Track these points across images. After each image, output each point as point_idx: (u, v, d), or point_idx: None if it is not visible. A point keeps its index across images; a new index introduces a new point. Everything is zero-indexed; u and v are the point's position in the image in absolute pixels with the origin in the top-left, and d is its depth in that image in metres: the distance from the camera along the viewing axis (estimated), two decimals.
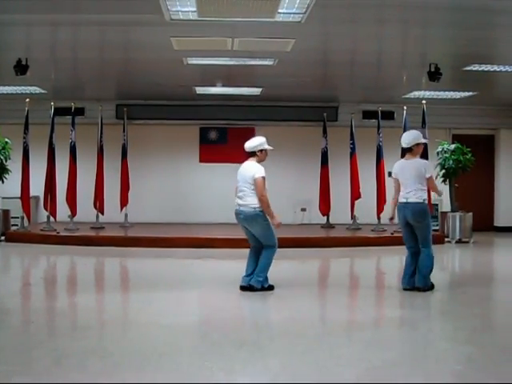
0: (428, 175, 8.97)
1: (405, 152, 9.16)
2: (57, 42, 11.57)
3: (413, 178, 8.94)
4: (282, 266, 12.04)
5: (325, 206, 17.21)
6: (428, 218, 9.02)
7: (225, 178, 18.39)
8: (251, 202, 8.94)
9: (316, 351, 6.13)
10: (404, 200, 9.00)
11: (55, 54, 12.64)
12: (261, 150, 9.42)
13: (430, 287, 9.10)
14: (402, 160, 9.23)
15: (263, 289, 8.88)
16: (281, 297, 8.79)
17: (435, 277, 11.31)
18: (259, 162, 9.30)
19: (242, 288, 8.96)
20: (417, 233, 9.03)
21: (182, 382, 5.13)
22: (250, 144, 9.51)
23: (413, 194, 8.90)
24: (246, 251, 9.23)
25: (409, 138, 9.11)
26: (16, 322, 7.57)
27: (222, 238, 14.64)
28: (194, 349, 6.27)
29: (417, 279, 9.03)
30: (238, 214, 9.10)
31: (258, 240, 9.10)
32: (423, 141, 9.20)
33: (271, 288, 8.99)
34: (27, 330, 7.22)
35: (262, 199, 8.88)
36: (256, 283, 8.88)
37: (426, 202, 9.04)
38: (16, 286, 10.04)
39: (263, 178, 9.02)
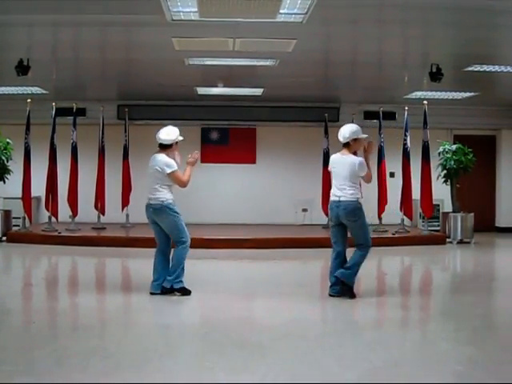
0: (361, 174, 8.62)
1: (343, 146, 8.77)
2: (58, 42, 11.57)
3: (346, 176, 8.65)
4: (283, 267, 12.06)
5: (326, 206, 17.19)
6: (362, 217, 8.63)
7: (226, 178, 18.47)
8: (160, 195, 8.72)
9: (317, 352, 6.13)
10: (336, 199, 8.76)
11: (57, 55, 12.66)
12: (177, 143, 9.14)
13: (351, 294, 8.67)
14: (338, 154, 8.89)
15: (173, 290, 8.60)
16: (282, 297, 8.79)
17: (437, 276, 11.32)
18: (173, 153, 9.07)
19: (153, 294, 8.67)
20: (352, 233, 8.76)
21: (182, 383, 5.14)
22: (166, 137, 9.02)
23: (345, 192, 8.63)
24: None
25: (346, 131, 8.65)
26: (17, 323, 7.57)
27: (223, 238, 14.65)
28: (195, 349, 6.27)
29: (342, 273, 8.64)
30: (147, 207, 8.82)
31: (166, 238, 8.88)
32: (362, 136, 8.69)
33: (186, 292, 8.71)
34: (29, 330, 7.22)
35: (187, 184, 9.07)
36: (167, 283, 8.64)
37: (360, 200, 8.67)
38: (17, 286, 10.05)
39: (177, 170, 8.90)
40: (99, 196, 16.34)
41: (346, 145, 8.69)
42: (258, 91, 16.41)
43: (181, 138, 9.12)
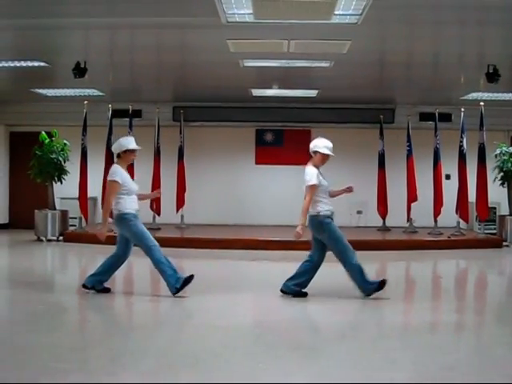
0: (306, 183, 8.86)
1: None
2: (114, 45, 11.72)
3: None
4: (338, 269, 12.00)
5: (383, 208, 17.12)
6: (327, 230, 8.65)
7: (281, 180, 18.47)
8: (115, 205, 8.64)
9: (371, 355, 6.09)
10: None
11: (113, 57, 12.82)
12: (125, 151, 8.83)
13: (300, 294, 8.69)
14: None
15: (178, 290, 8.48)
16: (334, 299, 8.75)
17: (493, 280, 11.17)
18: (126, 163, 8.94)
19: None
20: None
21: (236, 383, 5.14)
22: (114, 146, 8.99)
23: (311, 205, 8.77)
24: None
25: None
26: (73, 321, 7.69)
27: (277, 240, 14.65)
28: (249, 350, 6.27)
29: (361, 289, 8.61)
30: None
31: (126, 246, 8.82)
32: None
33: (188, 281, 8.55)
34: (84, 329, 7.33)
35: (105, 201, 8.67)
36: (171, 289, 8.53)
37: (319, 213, 8.71)
38: (73, 285, 10.18)
39: (114, 181, 8.58)
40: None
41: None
42: (313, 93, 16.38)
43: (128, 148, 8.82)
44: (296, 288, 8.71)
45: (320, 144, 8.75)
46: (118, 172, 8.62)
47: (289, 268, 10.71)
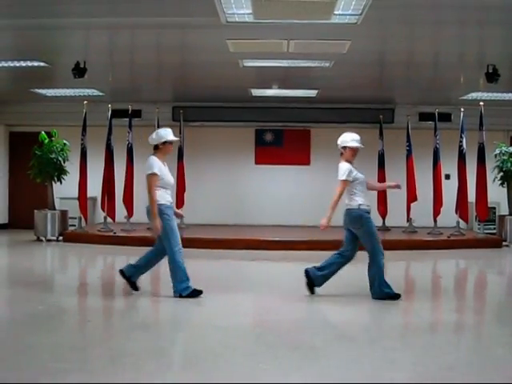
0: (339, 178, 8.68)
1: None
2: (114, 45, 11.73)
3: None
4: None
5: (383, 207, 17.11)
6: (365, 224, 8.62)
7: (280, 179, 18.48)
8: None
9: (370, 355, 6.09)
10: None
11: (112, 57, 12.83)
12: (164, 143, 8.65)
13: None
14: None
15: (182, 297, 8.45)
16: (334, 299, 8.75)
17: (492, 280, 11.18)
18: (163, 155, 8.68)
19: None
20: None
21: (237, 382, 5.15)
22: (152, 136, 8.72)
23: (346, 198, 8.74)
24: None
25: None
26: (73, 321, 7.69)
27: (277, 239, 14.67)
28: (249, 350, 6.27)
29: (373, 290, 8.61)
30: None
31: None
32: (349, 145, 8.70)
33: (197, 294, 8.56)
34: (84, 329, 7.32)
35: (149, 195, 8.42)
36: (175, 293, 8.50)
37: (360, 207, 8.60)
38: (73, 285, 10.20)
39: (153, 174, 8.43)
40: None
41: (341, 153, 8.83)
42: (313, 93, 16.39)
43: (169, 139, 8.67)
44: (322, 280, 8.75)
45: (347, 138, 8.74)
46: (156, 164, 8.48)
47: (288, 268, 10.73)
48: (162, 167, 8.55)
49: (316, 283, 8.77)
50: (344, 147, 8.73)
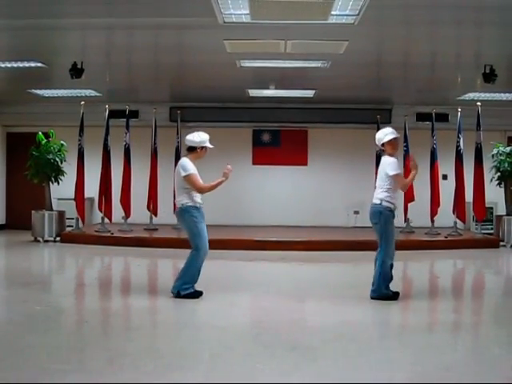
0: (391, 173, 8.82)
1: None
2: (111, 45, 11.72)
3: (379, 177, 9.00)
4: (334, 269, 12.02)
5: None
6: (384, 219, 8.75)
7: (278, 180, 18.49)
8: (180, 199, 8.72)
9: (368, 355, 6.09)
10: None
11: (110, 58, 12.82)
12: (202, 147, 8.96)
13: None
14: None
15: (179, 296, 8.50)
16: (333, 299, 8.76)
17: (490, 280, 11.19)
18: (196, 158, 8.91)
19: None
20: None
21: (234, 383, 5.15)
22: (194, 139, 8.93)
23: (375, 194, 8.86)
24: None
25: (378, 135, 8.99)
26: (70, 322, 7.68)
27: (274, 240, 14.67)
28: (247, 350, 6.27)
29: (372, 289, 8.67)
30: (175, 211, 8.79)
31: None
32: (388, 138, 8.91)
33: (195, 295, 8.62)
34: (81, 329, 7.32)
35: (204, 190, 8.80)
36: (174, 288, 8.60)
37: (384, 203, 8.76)
38: (70, 286, 10.19)
39: (190, 174, 8.68)
40: (152, 197, 16.49)
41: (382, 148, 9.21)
42: (310, 93, 16.38)
43: (207, 145, 9.00)
44: (387, 291, 8.64)
45: (381, 135, 8.93)
46: (190, 165, 8.68)
47: (286, 268, 10.73)
48: (195, 168, 8.77)
49: (388, 295, 8.63)
50: (383, 144, 8.93)
